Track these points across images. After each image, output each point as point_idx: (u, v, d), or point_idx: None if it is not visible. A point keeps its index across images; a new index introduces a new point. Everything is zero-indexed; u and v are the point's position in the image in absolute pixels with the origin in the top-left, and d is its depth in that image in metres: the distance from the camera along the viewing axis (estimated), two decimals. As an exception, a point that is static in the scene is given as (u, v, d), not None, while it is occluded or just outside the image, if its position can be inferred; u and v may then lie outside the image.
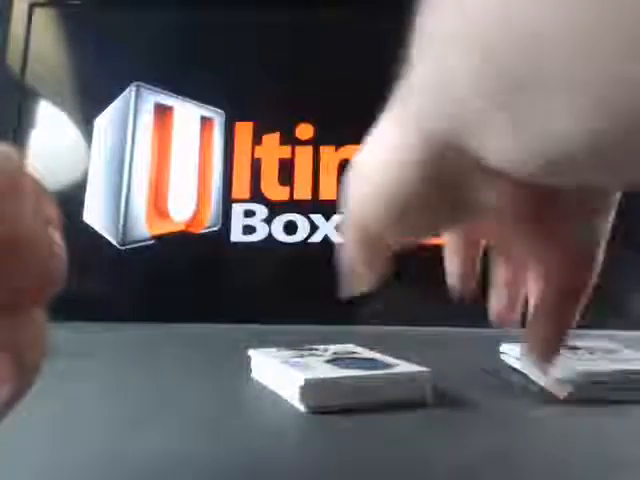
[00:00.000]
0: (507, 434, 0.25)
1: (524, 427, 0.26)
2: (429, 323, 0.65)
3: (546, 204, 0.21)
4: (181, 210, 0.77)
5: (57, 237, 0.13)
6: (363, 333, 0.54)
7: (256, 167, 0.77)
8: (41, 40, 0.82)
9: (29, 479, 0.19)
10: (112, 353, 0.47)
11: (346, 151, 0.76)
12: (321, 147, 0.77)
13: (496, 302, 0.27)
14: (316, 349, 0.36)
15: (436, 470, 0.20)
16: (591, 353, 0.35)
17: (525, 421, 0.27)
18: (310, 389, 0.27)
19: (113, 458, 0.21)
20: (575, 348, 0.36)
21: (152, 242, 0.76)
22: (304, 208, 0.76)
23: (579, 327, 0.24)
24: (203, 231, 0.76)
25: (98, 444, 0.22)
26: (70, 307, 0.67)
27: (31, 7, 0.82)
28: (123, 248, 0.75)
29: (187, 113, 0.79)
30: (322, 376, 0.28)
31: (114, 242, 0.76)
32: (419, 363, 0.30)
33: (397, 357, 0.32)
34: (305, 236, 0.75)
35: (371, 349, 0.35)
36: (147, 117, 0.79)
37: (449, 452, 0.22)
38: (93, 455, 0.21)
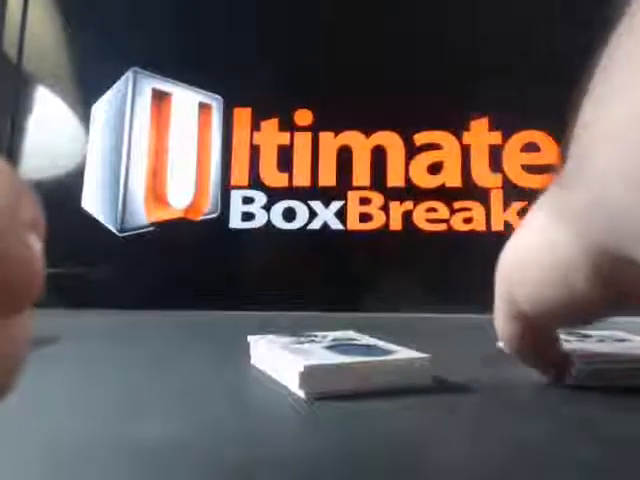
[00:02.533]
0: (508, 419, 0.25)
1: (525, 412, 0.26)
2: (427, 310, 0.65)
3: None
4: (180, 197, 0.77)
5: (35, 241, 0.12)
6: (363, 320, 0.54)
7: (255, 153, 0.77)
8: (38, 25, 0.81)
9: (29, 461, 0.19)
10: (111, 339, 0.47)
11: (345, 137, 0.76)
12: (320, 133, 0.77)
13: None
14: (315, 335, 0.36)
15: (437, 456, 0.20)
16: (601, 341, 0.35)
17: (526, 406, 0.27)
18: (310, 375, 0.27)
19: (112, 443, 0.21)
20: (586, 336, 0.36)
21: (151, 229, 0.76)
22: (303, 195, 0.76)
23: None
24: (202, 218, 0.76)
25: (97, 429, 0.22)
26: (69, 295, 0.67)
27: (27, -8, 0.81)
28: (122, 235, 0.75)
29: (185, 99, 0.78)
30: (322, 362, 0.28)
31: (113, 229, 0.75)
32: (418, 349, 0.30)
33: (396, 344, 0.32)
34: (304, 223, 0.75)
35: (371, 336, 0.35)
36: (145, 103, 0.78)
37: (450, 438, 0.22)
38: (92, 440, 0.21)
